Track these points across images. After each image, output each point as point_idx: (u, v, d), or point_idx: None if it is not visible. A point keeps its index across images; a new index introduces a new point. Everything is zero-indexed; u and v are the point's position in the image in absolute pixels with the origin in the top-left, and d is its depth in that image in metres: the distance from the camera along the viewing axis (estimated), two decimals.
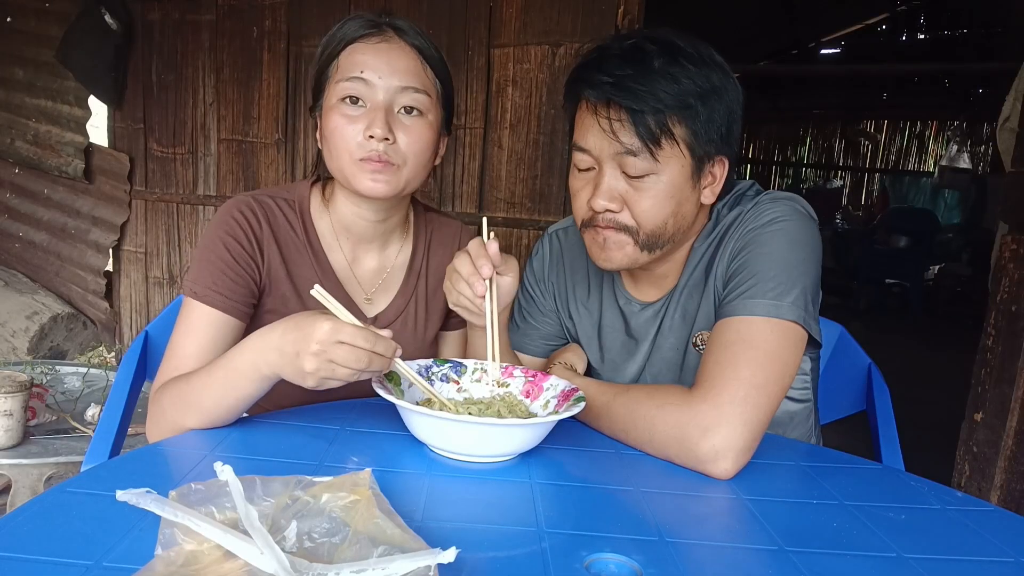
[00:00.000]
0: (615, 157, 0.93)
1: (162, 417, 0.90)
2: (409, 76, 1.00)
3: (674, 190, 0.94)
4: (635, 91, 0.90)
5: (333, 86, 1.01)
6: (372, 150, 0.98)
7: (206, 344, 0.97)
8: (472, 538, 0.62)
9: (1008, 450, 1.67)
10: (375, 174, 1.00)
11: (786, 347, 0.88)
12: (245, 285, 1.02)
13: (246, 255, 1.03)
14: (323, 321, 0.77)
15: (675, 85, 0.90)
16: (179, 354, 0.97)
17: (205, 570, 0.50)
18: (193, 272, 1.01)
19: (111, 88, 2.88)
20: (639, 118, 0.90)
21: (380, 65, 0.99)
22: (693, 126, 0.92)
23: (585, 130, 0.96)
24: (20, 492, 1.60)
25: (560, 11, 2.17)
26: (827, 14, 6.60)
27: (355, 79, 0.98)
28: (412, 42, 1.02)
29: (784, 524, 0.71)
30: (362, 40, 1.00)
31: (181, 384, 0.89)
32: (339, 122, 0.99)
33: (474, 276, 0.91)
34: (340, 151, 1.00)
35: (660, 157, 0.92)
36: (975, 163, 8.51)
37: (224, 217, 1.04)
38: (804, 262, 0.93)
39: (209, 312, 0.98)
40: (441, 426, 0.79)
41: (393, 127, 0.99)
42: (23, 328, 2.94)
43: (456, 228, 1.23)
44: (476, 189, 2.35)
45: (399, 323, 1.16)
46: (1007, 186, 1.80)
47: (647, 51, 0.91)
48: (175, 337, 0.98)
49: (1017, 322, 1.65)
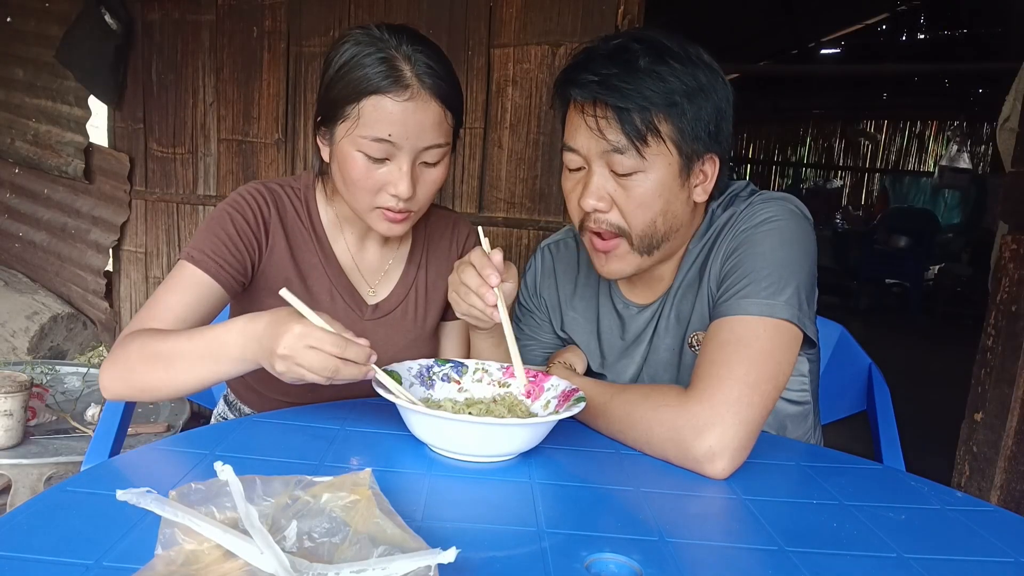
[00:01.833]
0: (603, 155, 0.94)
1: (125, 364, 0.91)
2: (434, 133, 0.98)
3: (662, 188, 0.95)
4: (621, 89, 0.90)
5: (354, 133, 0.97)
6: (393, 204, 1.00)
7: (188, 304, 0.98)
8: (472, 538, 0.62)
9: (1008, 450, 1.67)
10: (392, 223, 1.03)
11: (780, 346, 0.89)
12: (241, 261, 1.04)
13: (250, 233, 1.05)
14: (294, 324, 0.77)
15: (661, 83, 0.91)
16: (159, 306, 0.97)
17: (205, 570, 0.50)
18: (194, 240, 1.03)
19: (111, 88, 2.88)
20: (625, 116, 0.91)
21: (408, 128, 0.96)
22: (680, 124, 0.92)
23: (574, 130, 0.97)
24: (20, 492, 1.60)
25: (560, 11, 2.17)
26: (827, 14, 6.59)
27: (383, 141, 0.96)
28: (437, 93, 0.97)
29: (784, 524, 0.71)
30: (389, 96, 0.95)
31: (156, 339, 0.89)
32: (363, 175, 0.99)
33: (483, 287, 0.91)
34: (360, 197, 1.01)
35: (647, 155, 0.92)
36: (975, 163, 8.50)
37: (235, 197, 1.07)
38: (797, 261, 0.93)
39: (200, 275, 0.99)
40: (441, 426, 0.79)
41: (415, 182, 0.99)
42: (23, 328, 2.93)
43: (453, 219, 1.26)
44: (476, 189, 2.35)
45: (399, 312, 1.18)
46: (1007, 186, 1.79)
47: (633, 51, 0.92)
48: (159, 291, 0.99)
49: (1017, 322, 1.65)
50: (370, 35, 0.98)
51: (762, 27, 6.59)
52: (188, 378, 0.87)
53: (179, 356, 0.87)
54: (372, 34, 0.98)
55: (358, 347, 0.78)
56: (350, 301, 1.14)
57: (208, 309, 1.01)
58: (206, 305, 1.00)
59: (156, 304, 0.98)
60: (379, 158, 0.97)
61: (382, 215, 1.02)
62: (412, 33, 1.00)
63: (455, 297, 0.97)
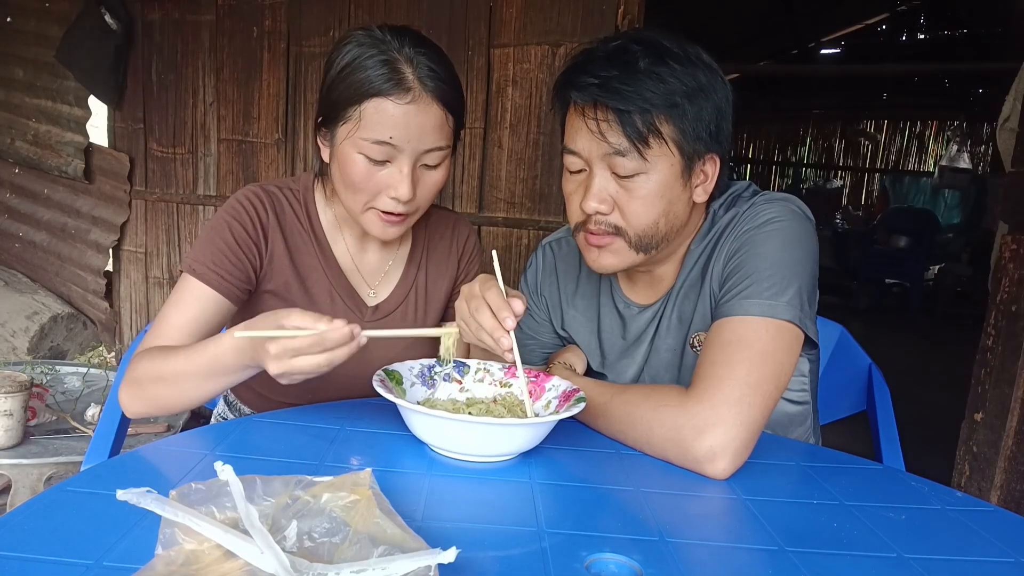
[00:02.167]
0: (604, 158, 0.94)
1: (137, 385, 0.94)
2: (435, 136, 0.98)
3: (664, 189, 0.95)
4: (621, 91, 0.90)
5: (355, 135, 0.97)
6: (392, 207, 1.00)
7: (193, 319, 0.99)
8: (472, 538, 0.62)
9: (1008, 450, 1.67)
10: (388, 226, 1.03)
11: (781, 346, 0.89)
12: (243, 270, 1.04)
13: (249, 240, 1.05)
14: (269, 346, 0.76)
15: (661, 84, 0.90)
16: (165, 324, 0.99)
17: (205, 570, 0.50)
18: (195, 250, 1.03)
19: (111, 88, 2.88)
20: (626, 118, 0.90)
21: (410, 130, 0.96)
22: (681, 124, 0.92)
23: (574, 132, 0.96)
24: (20, 492, 1.60)
25: (560, 11, 2.17)
26: (827, 14, 6.60)
27: (384, 144, 0.96)
28: (438, 96, 0.97)
29: (784, 524, 0.71)
30: (391, 98, 0.94)
31: (160, 359, 0.91)
32: (363, 177, 0.98)
33: (499, 331, 0.84)
34: (359, 199, 1.01)
35: (649, 156, 0.92)
36: (975, 163, 8.50)
37: (233, 203, 1.07)
38: (799, 262, 0.93)
39: (203, 289, 1.00)
40: (441, 426, 0.79)
41: (416, 184, 0.99)
42: (23, 328, 2.94)
43: (453, 220, 1.26)
44: (476, 189, 2.35)
45: (400, 313, 1.18)
46: (1007, 186, 1.79)
47: (632, 52, 0.92)
48: (165, 308, 1.01)
49: (1017, 322, 1.65)
50: (372, 37, 0.97)
51: (762, 27, 6.59)
52: (196, 395, 0.91)
53: (182, 376, 0.89)
54: (374, 36, 0.98)
55: (335, 333, 0.75)
56: (350, 303, 1.14)
57: (214, 321, 1.02)
58: (212, 318, 1.01)
59: (163, 321, 0.99)
60: (380, 160, 0.97)
61: (377, 216, 1.02)
62: (415, 35, 0.99)
63: (464, 327, 0.90)
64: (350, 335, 0.76)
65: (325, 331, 0.75)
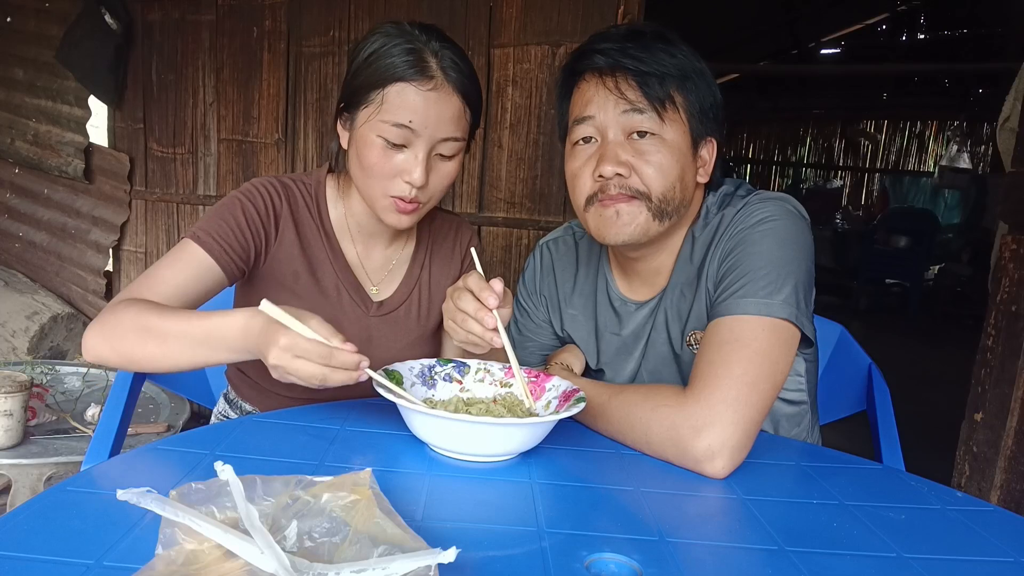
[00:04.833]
0: (621, 117, 0.97)
1: (115, 330, 0.90)
2: (452, 126, 1.01)
3: (679, 154, 0.98)
4: (640, 57, 0.96)
5: (376, 118, 0.99)
6: (406, 193, 1.01)
7: (185, 282, 0.98)
8: (472, 538, 0.62)
9: (1008, 450, 1.67)
10: (401, 214, 1.04)
11: (778, 345, 0.89)
12: (245, 248, 1.05)
13: (259, 222, 1.07)
14: (280, 336, 0.76)
15: (673, 58, 0.97)
16: (156, 278, 0.98)
17: (205, 569, 0.50)
18: (201, 221, 1.04)
19: (111, 88, 2.88)
20: (645, 79, 0.96)
21: (428, 116, 0.98)
22: (691, 97, 0.98)
23: (588, 99, 1.00)
24: (20, 492, 1.60)
25: (560, 11, 2.17)
26: (827, 14, 6.60)
27: (402, 127, 0.98)
28: (459, 88, 1.00)
29: (784, 524, 0.71)
30: (413, 84, 0.98)
31: (152, 313, 0.89)
32: (380, 159, 1.00)
33: (481, 311, 0.89)
34: (374, 184, 1.03)
35: (665, 119, 0.97)
36: (975, 163, 8.50)
37: (248, 186, 1.10)
38: (795, 260, 0.94)
39: (202, 255, 1.00)
40: (441, 425, 0.79)
41: (429, 172, 1.01)
42: (23, 328, 2.93)
43: (456, 223, 1.28)
44: (476, 189, 2.35)
45: (403, 311, 1.19)
46: (1007, 186, 1.79)
47: (643, 32, 0.99)
48: (158, 264, 1.00)
49: (1017, 322, 1.65)
50: (400, 28, 1.02)
51: (762, 27, 6.59)
52: (181, 358, 0.89)
53: (176, 336, 0.88)
54: (403, 28, 1.02)
55: (345, 355, 0.77)
56: (356, 297, 1.15)
57: (205, 289, 1.01)
58: (203, 285, 1.00)
59: (154, 276, 0.98)
60: (397, 144, 0.99)
61: (393, 204, 1.03)
62: (440, 32, 1.04)
63: (452, 325, 0.94)
64: (356, 363, 0.77)
65: (337, 347, 0.76)
